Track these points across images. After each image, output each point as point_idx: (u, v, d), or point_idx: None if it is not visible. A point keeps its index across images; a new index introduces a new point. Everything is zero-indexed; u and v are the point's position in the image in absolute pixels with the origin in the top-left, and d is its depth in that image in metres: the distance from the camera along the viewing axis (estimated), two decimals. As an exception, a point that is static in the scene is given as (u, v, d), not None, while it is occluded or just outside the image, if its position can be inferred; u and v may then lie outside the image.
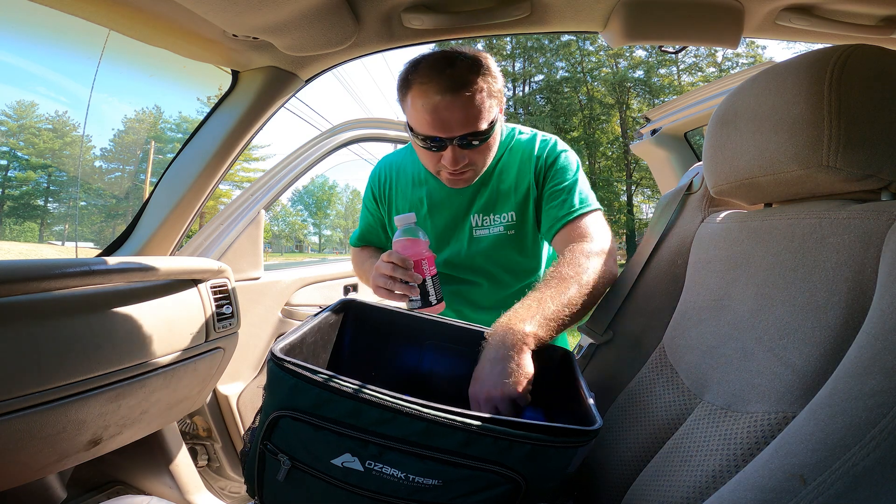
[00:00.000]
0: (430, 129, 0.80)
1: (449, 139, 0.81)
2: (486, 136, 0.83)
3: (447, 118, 0.78)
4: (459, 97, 0.78)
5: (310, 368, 0.47)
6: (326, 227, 42.21)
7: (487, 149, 0.86)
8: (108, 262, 0.84)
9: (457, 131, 0.80)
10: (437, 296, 0.83)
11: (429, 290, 0.82)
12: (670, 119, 1.49)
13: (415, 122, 0.82)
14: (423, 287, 0.81)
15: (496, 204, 0.95)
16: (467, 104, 0.78)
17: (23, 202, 18.93)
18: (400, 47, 1.01)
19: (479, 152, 0.85)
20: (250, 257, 1.44)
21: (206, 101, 18.23)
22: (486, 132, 0.82)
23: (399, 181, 1.04)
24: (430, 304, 0.82)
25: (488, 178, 0.95)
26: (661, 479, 0.51)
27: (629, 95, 18.60)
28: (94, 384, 0.81)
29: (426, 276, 0.81)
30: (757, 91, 0.53)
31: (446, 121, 0.79)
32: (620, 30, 0.89)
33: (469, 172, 0.87)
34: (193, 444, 1.42)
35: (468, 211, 0.97)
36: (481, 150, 0.85)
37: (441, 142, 0.81)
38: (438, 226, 0.99)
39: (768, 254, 0.53)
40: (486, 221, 0.96)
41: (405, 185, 1.03)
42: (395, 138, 1.82)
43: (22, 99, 19.09)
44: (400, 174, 1.04)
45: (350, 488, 0.46)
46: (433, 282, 0.83)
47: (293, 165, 1.56)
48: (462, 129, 0.80)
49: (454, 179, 0.87)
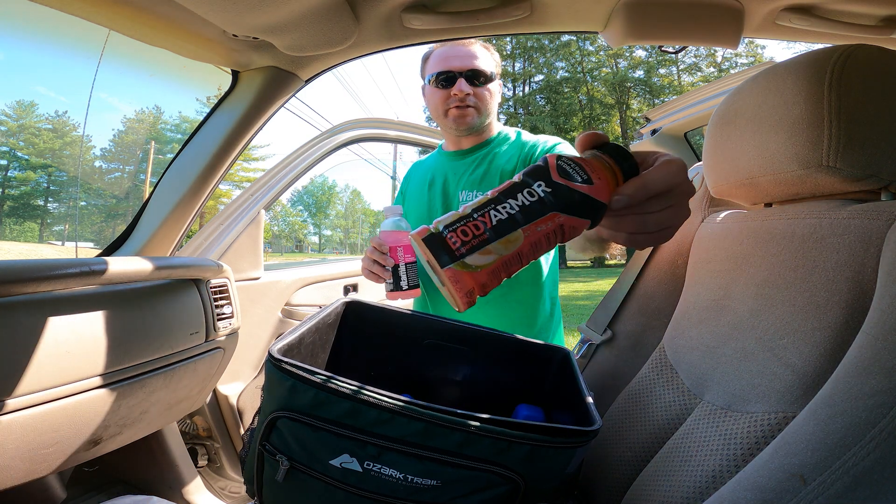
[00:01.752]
0: (442, 66, 1.01)
1: (458, 72, 1.00)
2: (488, 79, 1.02)
3: (456, 56, 1.01)
4: (466, 47, 1.02)
5: (308, 369, 0.47)
6: (326, 227, 42.25)
7: (489, 94, 1.03)
8: (108, 262, 0.84)
9: (464, 66, 1.00)
10: (408, 282, 0.90)
11: (401, 275, 0.89)
12: (670, 119, 1.49)
13: (430, 70, 1.04)
14: (396, 271, 0.89)
15: (482, 181, 1.04)
16: (472, 52, 1.02)
17: (23, 202, 18.95)
18: (400, 47, 1.01)
19: (481, 92, 1.02)
20: (250, 257, 1.44)
21: (205, 101, 18.24)
22: (488, 76, 1.02)
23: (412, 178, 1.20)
24: (401, 288, 0.90)
25: (482, 158, 1.06)
26: (661, 479, 0.51)
27: (629, 95, 18.60)
28: (94, 384, 0.81)
29: (399, 261, 0.89)
30: (757, 91, 0.53)
31: (455, 58, 1.01)
32: (620, 30, 0.89)
33: (472, 111, 1.02)
34: (193, 444, 1.42)
35: (457, 186, 1.07)
36: (483, 91, 1.02)
37: (451, 75, 1.00)
38: (435, 205, 1.10)
39: (768, 254, 0.53)
40: (469, 197, 1.05)
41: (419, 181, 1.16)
42: (395, 138, 1.81)
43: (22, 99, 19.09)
44: (417, 170, 1.20)
45: (349, 489, 0.46)
46: (407, 268, 0.90)
47: (293, 165, 1.56)
48: (468, 64, 1.00)
49: (460, 114, 1.02)
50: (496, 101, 1.06)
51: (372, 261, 0.92)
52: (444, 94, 1.02)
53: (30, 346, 0.72)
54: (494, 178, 1.02)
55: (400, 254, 0.90)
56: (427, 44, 1.03)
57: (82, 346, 0.79)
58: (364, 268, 0.95)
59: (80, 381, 0.79)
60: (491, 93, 1.03)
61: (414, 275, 0.91)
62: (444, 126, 1.07)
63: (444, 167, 1.11)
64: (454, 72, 1.00)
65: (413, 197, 1.16)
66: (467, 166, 1.07)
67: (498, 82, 1.06)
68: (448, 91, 1.01)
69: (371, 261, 0.92)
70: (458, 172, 1.08)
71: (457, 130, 1.04)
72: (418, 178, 1.17)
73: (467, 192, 1.05)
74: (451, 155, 1.12)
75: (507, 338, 0.75)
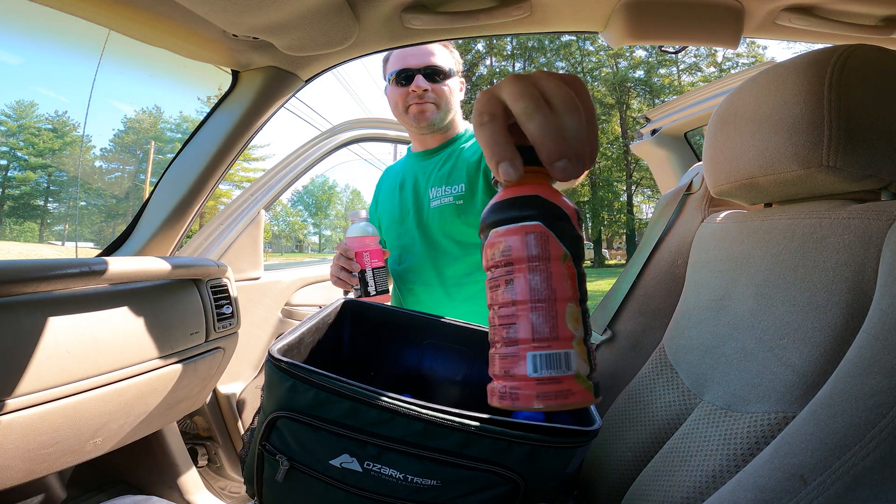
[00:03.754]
0: (400, 65, 1.03)
1: (416, 69, 1.02)
2: (446, 75, 1.04)
3: (413, 55, 1.03)
4: (423, 48, 1.03)
5: (308, 369, 0.47)
6: (326, 227, 42.23)
7: (448, 90, 1.05)
8: (108, 262, 0.84)
9: (421, 63, 1.02)
10: (377, 287, 0.87)
11: (368, 280, 0.87)
12: (670, 119, 1.49)
13: (390, 69, 1.05)
14: (363, 277, 0.88)
15: (449, 176, 1.05)
16: (429, 49, 1.03)
17: (23, 202, 18.95)
18: (400, 47, 1.01)
19: (439, 88, 1.03)
20: (250, 257, 1.44)
21: (206, 101, 18.23)
22: (446, 73, 1.03)
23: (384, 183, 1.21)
24: (369, 293, 0.88)
25: (449, 155, 1.08)
26: (661, 479, 0.51)
27: (629, 95, 18.60)
28: (94, 384, 0.81)
29: (366, 266, 0.87)
30: (757, 91, 0.53)
31: (412, 56, 1.03)
32: (620, 30, 0.89)
33: (431, 106, 1.03)
34: (193, 444, 1.42)
35: (427, 184, 1.08)
36: (441, 87, 1.03)
37: (409, 72, 1.02)
38: (407, 205, 1.10)
39: (768, 254, 0.53)
40: (438, 193, 1.06)
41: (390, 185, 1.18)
42: (396, 138, 1.82)
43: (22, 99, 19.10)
44: (388, 175, 1.21)
45: (349, 489, 0.46)
46: (374, 273, 0.88)
47: (293, 165, 1.56)
48: (425, 61, 1.02)
49: (419, 110, 1.03)
50: (456, 97, 1.08)
51: (339, 267, 0.91)
52: (404, 91, 1.03)
53: (30, 346, 0.72)
54: (461, 172, 1.03)
55: (366, 259, 0.88)
56: (427, 43, 1.03)
57: (82, 346, 0.79)
58: (332, 275, 0.94)
59: (80, 381, 0.79)
60: (450, 89, 1.05)
61: (382, 280, 0.90)
62: (406, 124, 1.08)
63: (413, 168, 1.13)
64: (412, 69, 1.02)
65: (385, 201, 1.17)
66: (435, 164, 1.08)
67: (458, 79, 1.08)
68: (407, 89, 1.03)
69: (338, 267, 0.91)
70: (427, 171, 1.09)
71: (417, 127, 1.06)
72: (389, 183, 1.18)
73: (436, 188, 1.06)
74: (419, 155, 1.13)
75: None
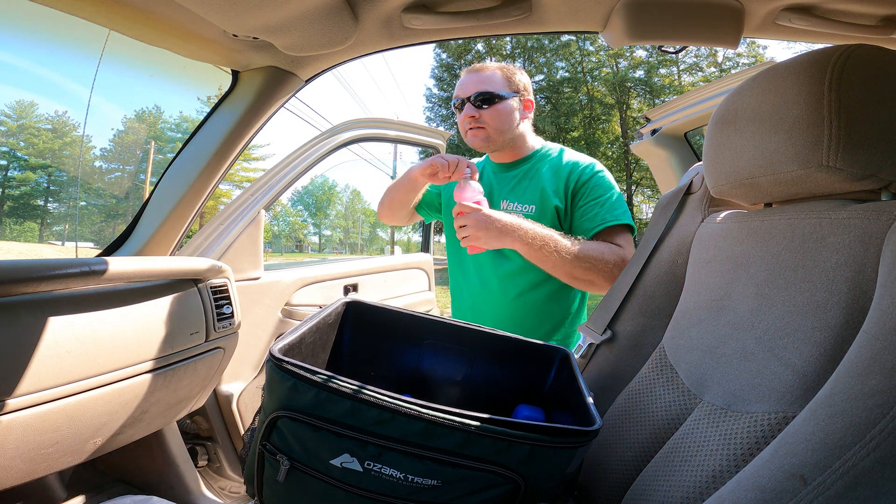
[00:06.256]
0: (457, 93, 1.13)
1: (465, 98, 1.10)
2: (493, 100, 1.08)
3: (464, 84, 1.12)
4: (478, 73, 1.11)
5: (308, 368, 0.47)
6: (326, 227, 42.22)
7: (497, 114, 1.09)
8: (108, 262, 0.84)
9: (469, 91, 1.09)
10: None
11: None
12: (670, 119, 1.49)
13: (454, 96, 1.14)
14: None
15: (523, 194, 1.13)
16: (481, 76, 1.10)
17: (23, 202, 18.95)
18: (400, 47, 1.01)
19: (488, 114, 1.09)
20: (250, 257, 1.44)
21: (206, 100, 18.22)
22: (493, 97, 1.08)
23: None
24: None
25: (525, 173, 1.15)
26: (661, 479, 0.51)
27: (629, 95, 18.60)
28: (94, 384, 0.81)
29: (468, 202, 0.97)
30: (757, 91, 0.53)
31: (464, 85, 1.11)
32: (620, 30, 0.89)
33: (482, 131, 1.10)
34: (193, 444, 1.42)
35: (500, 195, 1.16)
36: (490, 112, 1.09)
37: (461, 101, 1.11)
38: None
39: (768, 254, 0.53)
40: (509, 207, 1.14)
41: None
42: (395, 138, 1.81)
43: (22, 99, 19.09)
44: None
45: (349, 489, 0.46)
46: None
47: (293, 165, 1.56)
48: (473, 89, 1.09)
49: (471, 135, 1.11)
50: (511, 119, 1.11)
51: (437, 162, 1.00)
52: (462, 118, 1.12)
53: (30, 346, 0.72)
54: (535, 194, 1.10)
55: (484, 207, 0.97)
56: (427, 44, 1.04)
57: (82, 346, 0.79)
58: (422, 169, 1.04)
59: (80, 381, 0.79)
60: (499, 112, 1.09)
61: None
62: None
63: (489, 174, 1.22)
64: (462, 98, 1.10)
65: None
66: (510, 178, 1.16)
67: (516, 100, 1.11)
68: (464, 115, 1.11)
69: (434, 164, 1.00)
70: (502, 183, 1.17)
71: (475, 148, 1.14)
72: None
73: (509, 202, 1.13)
74: (496, 166, 1.21)
75: (507, 338, 0.75)
